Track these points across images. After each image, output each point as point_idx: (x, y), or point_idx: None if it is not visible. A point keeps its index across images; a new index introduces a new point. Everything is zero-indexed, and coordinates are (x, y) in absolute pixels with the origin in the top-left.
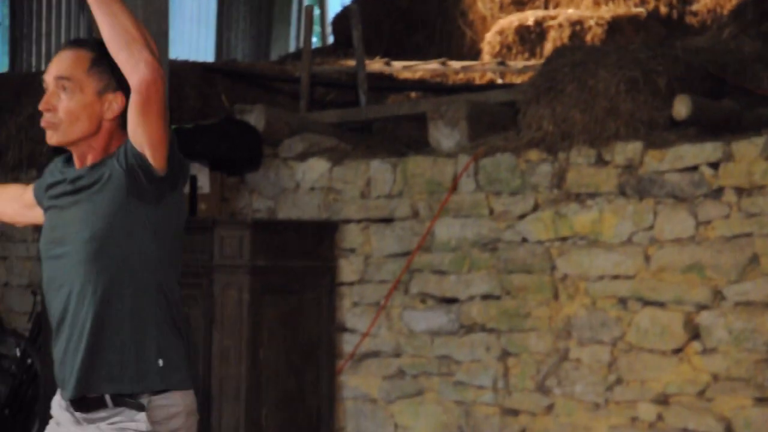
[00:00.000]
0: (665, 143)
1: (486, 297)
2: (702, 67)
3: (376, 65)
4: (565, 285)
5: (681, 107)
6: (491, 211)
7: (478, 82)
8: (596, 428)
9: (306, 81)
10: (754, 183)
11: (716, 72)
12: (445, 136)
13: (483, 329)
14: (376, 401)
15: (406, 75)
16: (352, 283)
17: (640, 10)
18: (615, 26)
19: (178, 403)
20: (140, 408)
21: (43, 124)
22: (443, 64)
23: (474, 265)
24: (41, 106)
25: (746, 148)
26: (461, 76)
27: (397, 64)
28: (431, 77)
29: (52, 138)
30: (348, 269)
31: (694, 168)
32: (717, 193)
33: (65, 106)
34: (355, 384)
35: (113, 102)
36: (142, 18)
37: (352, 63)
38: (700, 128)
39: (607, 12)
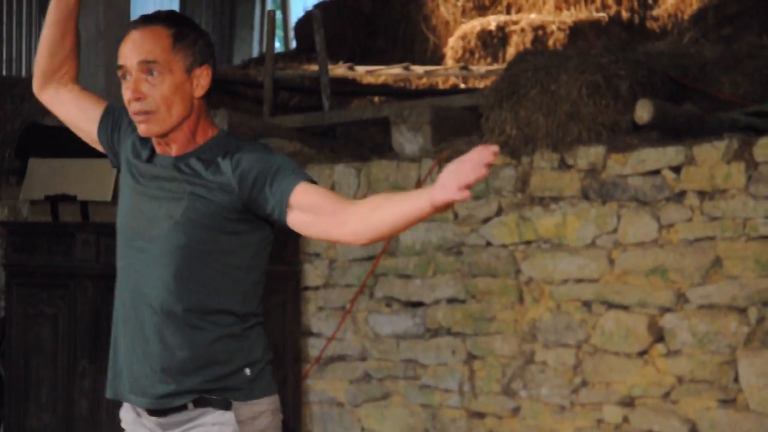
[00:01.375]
0: (628, 147)
1: (451, 301)
2: (663, 71)
3: (339, 70)
4: (529, 288)
5: (643, 111)
6: (455, 216)
7: (441, 86)
8: (562, 430)
9: (269, 85)
10: (716, 186)
11: (677, 76)
12: (408, 140)
13: (448, 333)
14: (342, 405)
15: (370, 80)
16: (317, 288)
17: (602, 15)
18: (577, 31)
19: (262, 401)
20: (227, 406)
21: (133, 114)
22: (406, 68)
23: (439, 269)
24: (130, 96)
25: (708, 152)
26: (424, 80)
27: (360, 69)
28: (394, 82)
29: (151, 129)
30: (313, 274)
31: (657, 172)
32: (679, 196)
33: (159, 92)
34: (322, 388)
35: (201, 77)
36: (103, 22)
37: (315, 68)
38: (662, 132)
39: (569, 17)
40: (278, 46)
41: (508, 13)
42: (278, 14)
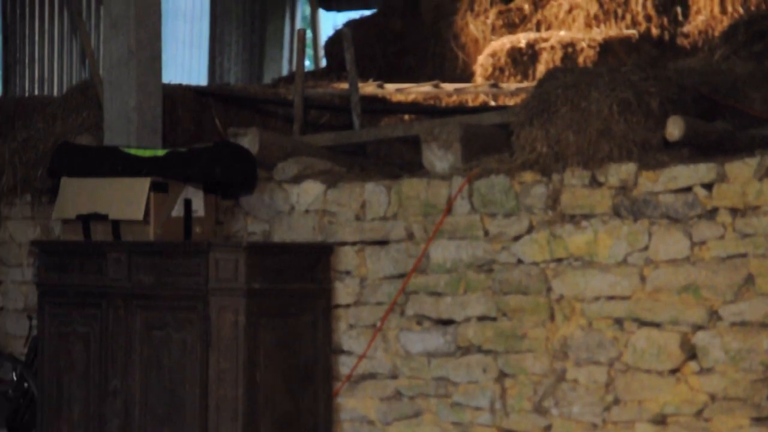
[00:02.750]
0: (659, 164)
1: (482, 318)
2: (694, 88)
3: (369, 88)
4: (561, 306)
5: (674, 128)
6: (486, 233)
7: (470, 104)
8: None
9: (299, 104)
10: (747, 203)
11: (708, 93)
12: (438, 158)
13: (479, 350)
14: (373, 423)
15: (399, 98)
16: (348, 306)
17: (632, 32)
18: (607, 48)
19: None
20: None
21: None
22: (436, 86)
23: (470, 287)
24: None
25: (740, 169)
26: (454, 98)
27: (390, 87)
28: (424, 100)
29: None
30: (344, 291)
31: (688, 189)
32: (711, 213)
33: None
34: (352, 406)
35: None
36: (134, 41)
37: (345, 86)
38: (694, 149)
39: (599, 34)
40: (308, 64)
41: (538, 30)
42: (308, 33)
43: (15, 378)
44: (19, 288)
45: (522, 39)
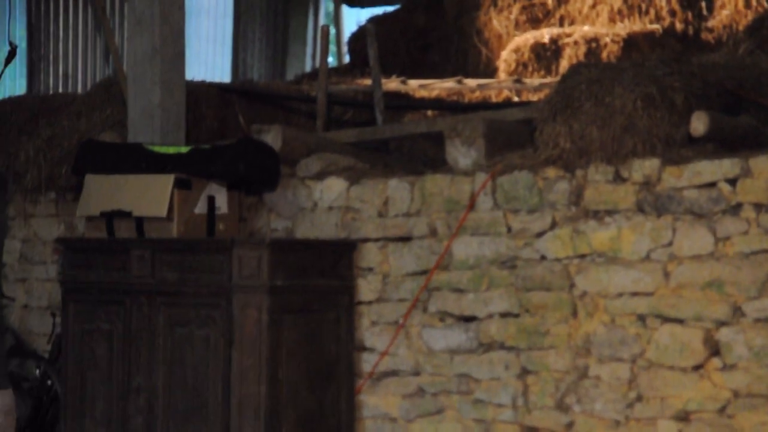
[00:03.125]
0: (683, 160)
1: (505, 315)
2: (719, 83)
3: (392, 84)
4: (583, 302)
5: (698, 124)
6: (509, 229)
7: (494, 100)
8: None
9: (322, 100)
10: None
11: (733, 88)
12: (462, 154)
13: (502, 347)
14: (395, 420)
15: (423, 93)
16: (370, 302)
17: (656, 26)
18: (631, 43)
19: None
20: None
21: None
22: (459, 82)
23: (492, 283)
24: None
25: (764, 164)
26: (477, 94)
27: (414, 83)
28: (447, 95)
29: None
30: (366, 288)
31: (713, 184)
32: (735, 209)
33: None
34: (375, 403)
35: None
36: (158, 38)
37: (368, 82)
38: (718, 144)
39: (622, 29)
40: (331, 60)
41: (561, 25)
42: (331, 29)
43: (39, 375)
44: (43, 285)
45: (545, 34)
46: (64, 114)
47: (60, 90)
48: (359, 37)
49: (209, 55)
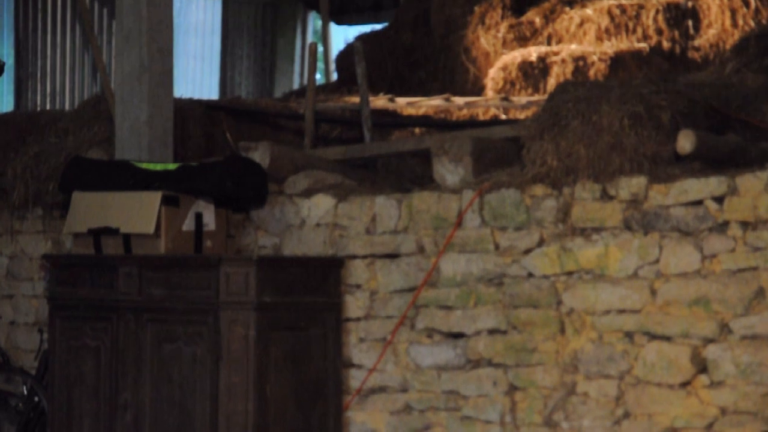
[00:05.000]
0: (670, 178)
1: (492, 332)
2: (705, 101)
3: (379, 102)
4: (571, 319)
5: (685, 142)
6: (497, 246)
7: (481, 117)
8: None
9: (310, 118)
10: (759, 217)
11: (719, 106)
12: (449, 171)
13: (490, 364)
14: None
15: (410, 111)
16: (358, 319)
17: (643, 45)
18: (618, 61)
19: None
20: None
21: None
22: (447, 100)
23: (480, 300)
24: None
25: (751, 182)
26: (465, 111)
27: (401, 101)
28: (435, 113)
29: None
30: (354, 305)
31: (699, 202)
32: (722, 227)
33: None
34: (363, 419)
35: None
36: (146, 56)
37: (356, 99)
38: (705, 163)
39: (610, 47)
40: (319, 78)
41: (549, 44)
42: (319, 47)
43: (26, 392)
44: (30, 302)
45: (533, 52)
46: (52, 131)
47: (48, 107)
48: (347, 54)
49: (197, 73)
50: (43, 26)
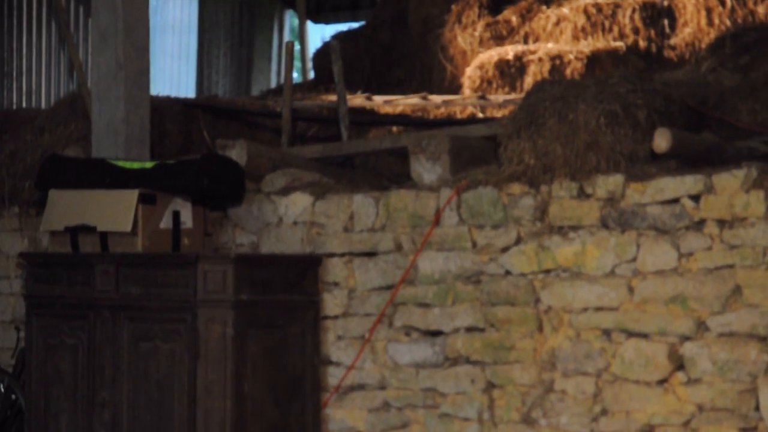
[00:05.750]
0: (646, 176)
1: (470, 329)
2: (681, 100)
3: (357, 100)
4: (549, 317)
5: (661, 140)
6: (474, 244)
7: (459, 116)
8: None
9: (287, 116)
10: (735, 215)
11: (695, 105)
12: (427, 170)
13: (468, 361)
14: None
15: (387, 109)
16: (336, 317)
17: (620, 44)
18: (595, 60)
19: None
20: None
21: None
22: (424, 98)
23: (458, 298)
24: None
25: (727, 181)
26: (442, 110)
27: (378, 99)
28: (412, 112)
29: None
30: (332, 303)
31: (676, 200)
32: (698, 225)
33: None
34: (341, 417)
35: None
36: (123, 54)
37: (333, 98)
38: (681, 161)
39: (586, 46)
40: (296, 76)
41: (526, 42)
42: (296, 45)
43: (2, 390)
44: (6, 300)
45: (510, 51)
46: (28, 129)
47: (24, 105)
48: (324, 53)
49: (174, 71)
50: (18, 25)
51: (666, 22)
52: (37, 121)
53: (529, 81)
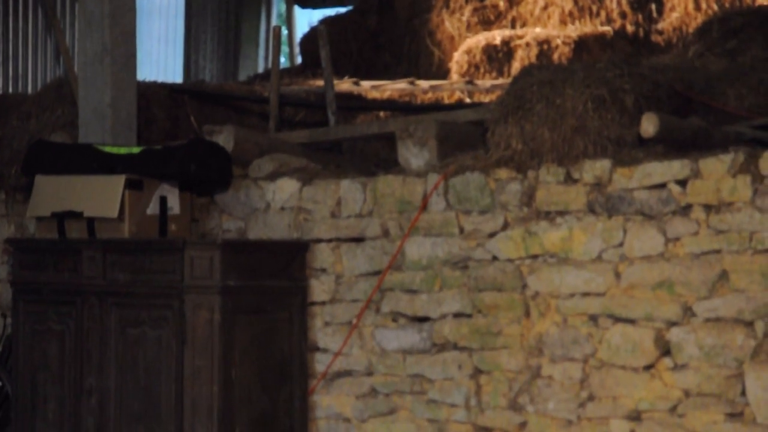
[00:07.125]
0: (633, 161)
1: (458, 315)
2: (669, 85)
3: (344, 85)
4: (536, 302)
5: (648, 125)
6: (461, 230)
7: (446, 101)
8: None
9: (275, 101)
10: (722, 200)
11: (683, 90)
12: (414, 155)
13: (455, 347)
14: (349, 420)
15: (375, 95)
16: (323, 303)
17: (607, 28)
18: (582, 45)
19: None
20: None
21: None
22: (411, 83)
23: (445, 284)
24: None
25: (714, 166)
26: (430, 95)
27: (366, 84)
28: (400, 97)
29: None
30: (319, 289)
31: (663, 185)
32: (685, 210)
33: None
34: (328, 403)
35: None
36: (109, 39)
37: (320, 83)
38: (668, 146)
39: (574, 31)
40: (283, 61)
41: (513, 27)
42: (283, 30)
43: None
44: None
45: (497, 36)
46: (14, 114)
47: (10, 90)
48: (311, 38)
49: (161, 56)
50: (4, 9)
51: (653, 6)
52: (24, 106)
53: (516, 66)
